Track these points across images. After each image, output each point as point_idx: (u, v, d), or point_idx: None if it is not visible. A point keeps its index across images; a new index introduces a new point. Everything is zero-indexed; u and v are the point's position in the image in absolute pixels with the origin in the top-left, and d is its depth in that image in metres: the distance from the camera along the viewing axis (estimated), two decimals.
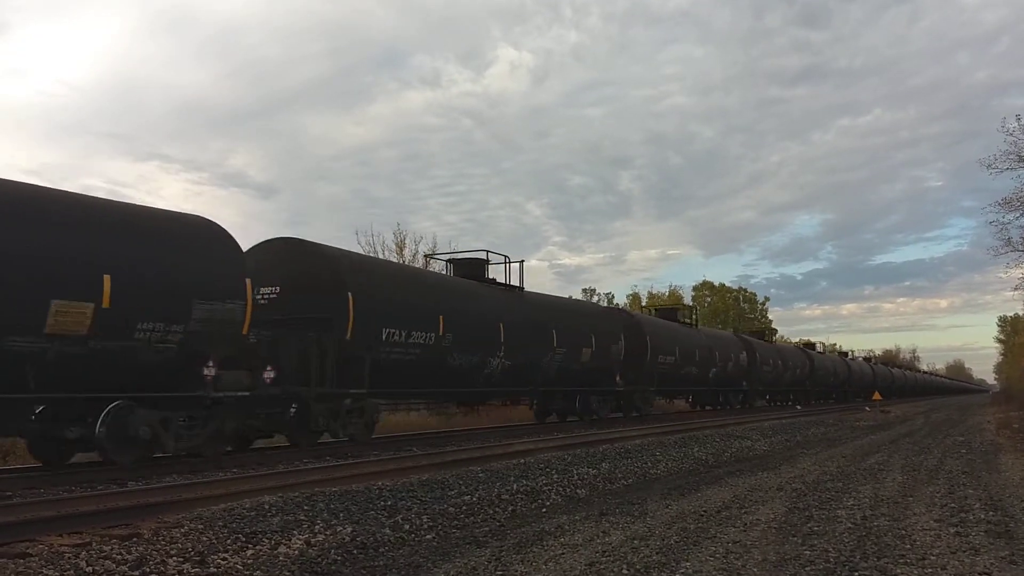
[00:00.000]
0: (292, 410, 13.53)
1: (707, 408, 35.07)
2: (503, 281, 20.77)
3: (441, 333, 16.49)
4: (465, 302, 18.16)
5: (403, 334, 15.54)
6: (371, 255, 17.68)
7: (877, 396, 45.57)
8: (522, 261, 21.26)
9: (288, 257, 15.00)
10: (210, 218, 13.00)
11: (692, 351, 29.92)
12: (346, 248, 18.30)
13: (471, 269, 20.43)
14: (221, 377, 11.97)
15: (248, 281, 12.42)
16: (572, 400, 22.83)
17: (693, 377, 30.50)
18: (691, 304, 33.80)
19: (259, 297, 14.07)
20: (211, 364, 11.77)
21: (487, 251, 21.01)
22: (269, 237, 15.78)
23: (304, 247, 15.33)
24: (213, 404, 11.88)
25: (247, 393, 12.46)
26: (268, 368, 13.25)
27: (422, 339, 16.04)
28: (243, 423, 12.72)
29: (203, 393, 11.73)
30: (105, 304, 10.33)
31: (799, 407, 41.31)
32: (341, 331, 14.26)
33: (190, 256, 11.82)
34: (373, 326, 14.84)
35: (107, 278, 10.39)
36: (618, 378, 24.41)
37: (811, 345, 55.26)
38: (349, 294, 14.46)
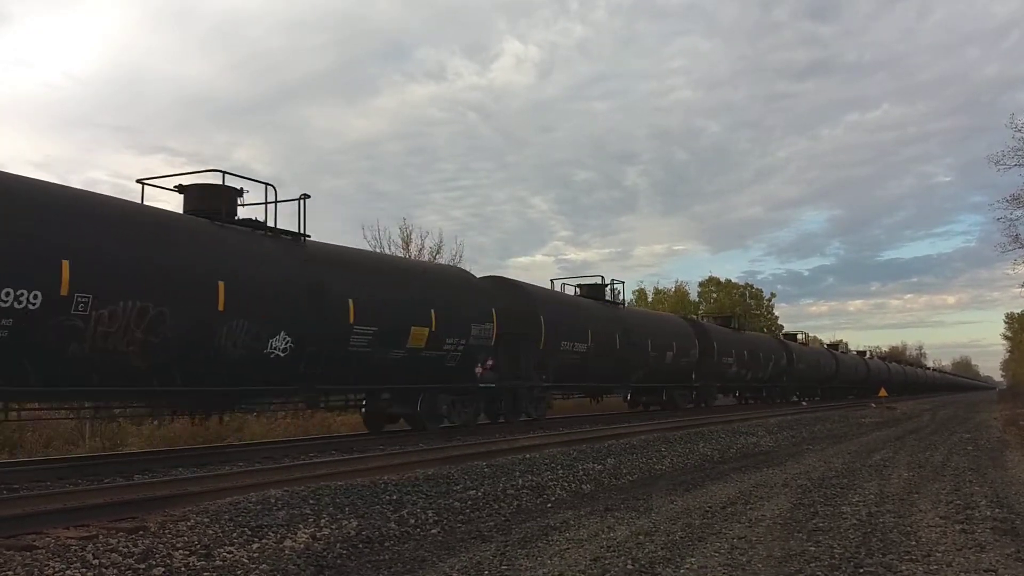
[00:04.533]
0: None
1: (652, 408, 28.74)
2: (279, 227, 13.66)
3: (65, 293, 9.66)
4: (136, 241, 11.03)
5: None
6: None
7: (883, 393, 45.16)
8: (304, 196, 14.00)
9: None
10: None
11: (612, 337, 23.50)
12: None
13: (202, 201, 13.02)
14: None
15: None
16: (412, 402, 16.17)
17: (616, 370, 24.30)
18: (616, 280, 26.77)
19: None
20: None
21: (223, 172, 13.13)
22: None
23: None
24: None
25: None
26: None
27: (12, 302, 9.18)
28: None
29: None
30: None
31: (805, 403, 41.09)
32: None
33: None
34: None
35: None
36: (480, 369, 17.71)
37: (792, 336, 51.64)
38: None
